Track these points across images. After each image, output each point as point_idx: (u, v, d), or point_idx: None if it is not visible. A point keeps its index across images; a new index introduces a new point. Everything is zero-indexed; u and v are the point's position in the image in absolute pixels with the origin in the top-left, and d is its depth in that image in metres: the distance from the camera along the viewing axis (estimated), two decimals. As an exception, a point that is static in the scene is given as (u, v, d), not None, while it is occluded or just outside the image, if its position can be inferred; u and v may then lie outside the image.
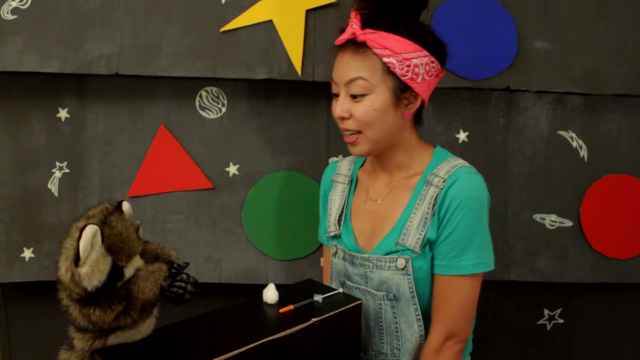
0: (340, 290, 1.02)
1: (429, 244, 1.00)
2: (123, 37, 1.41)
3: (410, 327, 1.02)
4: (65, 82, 1.48)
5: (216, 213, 1.50)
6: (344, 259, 1.09)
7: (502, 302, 1.56)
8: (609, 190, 1.46)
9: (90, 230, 0.76)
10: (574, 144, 1.47)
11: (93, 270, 0.77)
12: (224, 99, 1.49)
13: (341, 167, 1.19)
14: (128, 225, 0.84)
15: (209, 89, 1.48)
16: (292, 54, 1.39)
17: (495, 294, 1.55)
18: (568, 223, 1.47)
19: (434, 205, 0.99)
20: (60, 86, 1.48)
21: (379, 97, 0.97)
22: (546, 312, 1.57)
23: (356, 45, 0.97)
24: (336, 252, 1.11)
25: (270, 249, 1.49)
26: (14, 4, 1.41)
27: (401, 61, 0.95)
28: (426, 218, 0.99)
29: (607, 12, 1.44)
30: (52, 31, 1.40)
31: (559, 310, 1.57)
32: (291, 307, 0.95)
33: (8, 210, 1.50)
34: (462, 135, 1.47)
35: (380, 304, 1.03)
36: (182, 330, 0.89)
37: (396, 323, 1.03)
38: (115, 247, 0.81)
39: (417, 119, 1.06)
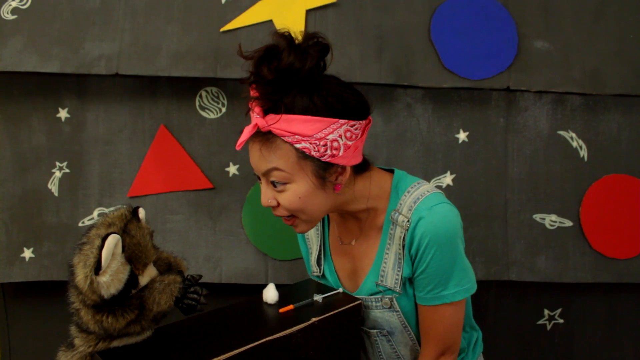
0: (340, 290, 1.02)
1: (408, 281, 0.98)
2: (123, 37, 1.41)
3: (410, 350, 1.04)
4: (65, 82, 1.48)
5: (216, 213, 1.50)
6: None
7: (502, 302, 1.56)
8: (609, 190, 1.46)
9: (113, 240, 0.77)
10: (574, 144, 1.47)
11: (112, 279, 0.78)
12: (224, 99, 1.49)
13: None
14: (145, 233, 0.85)
15: (209, 89, 1.48)
16: (292, 54, 1.39)
17: (495, 294, 1.54)
18: (568, 223, 1.47)
19: (403, 247, 0.95)
20: (60, 86, 1.48)
21: (301, 184, 0.89)
22: (546, 312, 1.57)
23: (263, 135, 0.87)
24: None
25: (270, 249, 1.49)
26: (14, 4, 1.41)
27: (315, 142, 0.85)
28: (399, 258, 0.96)
29: (607, 12, 1.44)
30: (52, 31, 1.40)
31: (559, 310, 1.57)
32: (291, 307, 0.95)
33: (8, 210, 1.50)
34: (462, 135, 1.47)
35: (375, 340, 1.04)
36: (182, 330, 0.89)
37: (396, 352, 1.04)
38: (134, 257, 0.82)
39: (360, 167, 0.96)
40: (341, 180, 0.92)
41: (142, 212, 0.87)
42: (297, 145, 0.86)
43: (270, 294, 0.98)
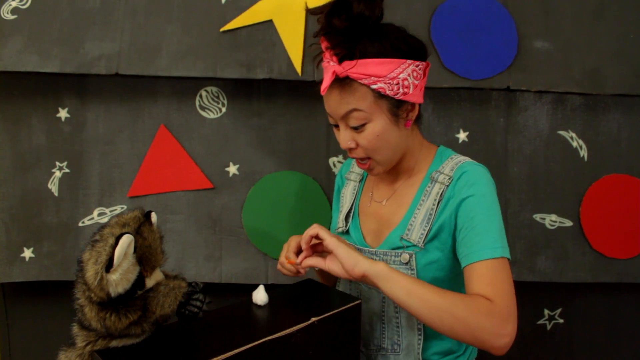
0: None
1: (438, 240, 1.00)
2: (123, 37, 1.41)
3: (410, 322, 1.04)
4: (65, 82, 1.48)
5: (216, 213, 1.50)
6: None
7: (502, 302, 1.55)
8: (609, 190, 1.46)
9: (127, 240, 0.78)
10: (574, 144, 1.47)
11: (122, 278, 0.80)
12: (224, 99, 1.49)
13: (354, 166, 1.23)
14: (156, 237, 0.87)
15: (209, 89, 1.48)
16: (292, 54, 1.39)
17: (495, 294, 1.54)
18: (568, 223, 1.47)
19: (439, 202, 1.00)
20: (60, 86, 1.48)
21: (378, 122, 0.97)
22: (546, 312, 1.57)
23: (340, 81, 0.95)
24: None
25: (270, 248, 1.49)
26: (14, 4, 1.41)
27: (389, 82, 0.94)
28: (430, 214, 1.01)
29: (607, 12, 1.44)
30: (52, 31, 1.40)
31: (559, 310, 1.57)
32: (293, 262, 1.03)
33: (8, 210, 1.50)
34: (462, 135, 1.47)
35: (383, 298, 1.05)
36: (181, 330, 0.89)
37: (397, 318, 1.04)
38: (144, 258, 0.84)
39: (417, 117, 1.06)
40: (411, 117, 1.01)
41: (154, 217, 0.90)
42: (374, 86, 0.94)
43: (260, 295, 0.98)
